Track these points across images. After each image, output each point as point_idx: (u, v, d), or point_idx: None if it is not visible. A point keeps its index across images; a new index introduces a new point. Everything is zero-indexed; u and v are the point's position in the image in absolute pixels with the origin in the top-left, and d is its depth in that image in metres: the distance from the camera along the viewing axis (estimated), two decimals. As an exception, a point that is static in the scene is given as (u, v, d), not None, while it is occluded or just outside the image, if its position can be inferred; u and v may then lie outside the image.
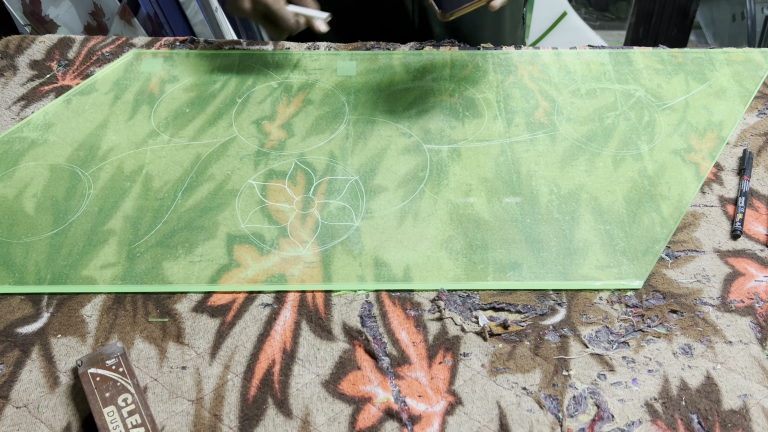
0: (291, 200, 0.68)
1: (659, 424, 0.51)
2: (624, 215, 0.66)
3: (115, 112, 0.78)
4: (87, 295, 0.60)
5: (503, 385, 0.54)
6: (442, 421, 0.52)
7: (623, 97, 0.80)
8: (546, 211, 0.67)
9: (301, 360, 0.55)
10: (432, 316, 0.59)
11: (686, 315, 0.58)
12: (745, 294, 0.60)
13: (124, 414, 0.50)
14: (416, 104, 0.79)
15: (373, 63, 0.85)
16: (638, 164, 0.71)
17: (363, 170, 0.71)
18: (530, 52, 0.86)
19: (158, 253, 0.63)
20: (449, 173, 0.71)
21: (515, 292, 0.60)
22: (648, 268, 0.62)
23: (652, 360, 0.55)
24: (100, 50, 0.88)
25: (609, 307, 0.59)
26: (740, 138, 0.75)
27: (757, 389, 0.53)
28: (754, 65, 0.84)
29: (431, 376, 0.54)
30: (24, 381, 0.54)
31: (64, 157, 0.73)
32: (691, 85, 0.81)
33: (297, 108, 0.79)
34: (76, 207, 0.68)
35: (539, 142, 0.74)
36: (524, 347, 0.56)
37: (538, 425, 0.51)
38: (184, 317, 0.58)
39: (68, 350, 0.56)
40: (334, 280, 0.61)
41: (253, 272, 0.62)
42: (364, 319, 0.58)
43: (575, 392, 0.53)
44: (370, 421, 0.52)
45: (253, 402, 0.53)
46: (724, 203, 0.68)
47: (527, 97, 0.80)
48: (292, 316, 0.59)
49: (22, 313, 0.59)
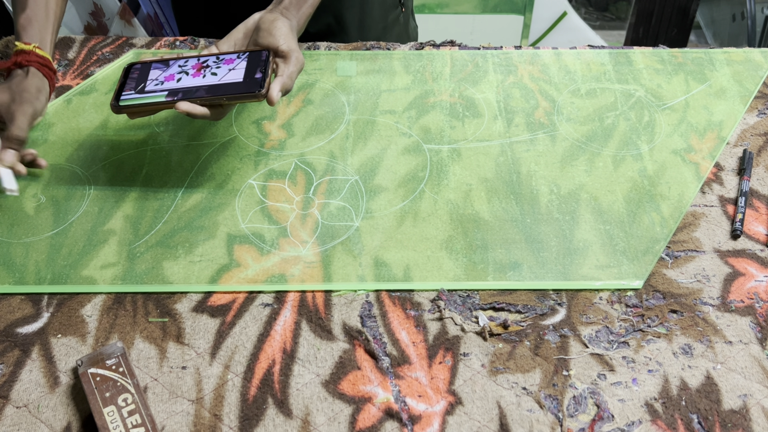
0: (291, 200, 0.68)
1: (659, 424, 0.51)
2: (624, 215, 0.66)
3: (115, 112, 0.78)
4: (87, 295, 0.60)
5: (503, 385, 0.54)
6: (442, 421, 0.52)
7: (623, 97, 0.80)
8: (546, 211, 0.67)
9: (301, 360, 0.55)
10: (432, 316, 0.59)
11: (686, 315, 0.58)
12: (745, 294, 0.60)
13: (124, 414, 0.50)
14: (416, 104, 0.79)
15: (373, 63, 0.85)
16: (638, 164, 0.71)
17: (363, 170, 0.71)
18: (530, 52, 0.86)
19: (158, 253, 0.63)
20: (449, 173, 0.71)
21: (515, 292, 0.60)
22: (648, 268, 0.62)
23: (652, 360, 0.55)
24: (100, 50, 0.88)
25: (609, 307, 0.59)
26: (740, 138, 0.75)
27: (757, 389, 0.53)
28: (754, 65, 0.84)
29: (431, 376, 0.54)
30: (24, 381, 0.54)
31: (64, 157, 0.73)
32: (691, 85, 0.81)
33: (297, 108, 0.79)
34: (76, 207, 0.68)
35: (539, 142, 0.74)
36: (524, 347, 0.56)
37: (538, 425, 0.51)
38: (184, 317, 0.59)
39: (68, 350, 0.56)
40: (334, 280, 0.61)
41: (253, 272, 0.62)
42: (364, 319, 0.58)
43: (575, 392, 0.53)
44: (370, 421, 0.52)
45: (253, 402, 0.53)
46: (724, 203, 0.68)
47: (527, 97, 0.80)
48: (292, 316, 0.59)
49: (22, 313, 0.59)
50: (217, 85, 0.64)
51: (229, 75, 0.64)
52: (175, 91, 0.64)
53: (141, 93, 0.65)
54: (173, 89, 0.64)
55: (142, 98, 0.64)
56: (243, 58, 0.66)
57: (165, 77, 0.66)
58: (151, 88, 0.65)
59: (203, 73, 0.65)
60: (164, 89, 0.64)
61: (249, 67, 0.65)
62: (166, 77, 0.66)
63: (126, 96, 0.65)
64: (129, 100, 0.64)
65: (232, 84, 0.64)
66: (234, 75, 0.64)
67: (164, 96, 0.64)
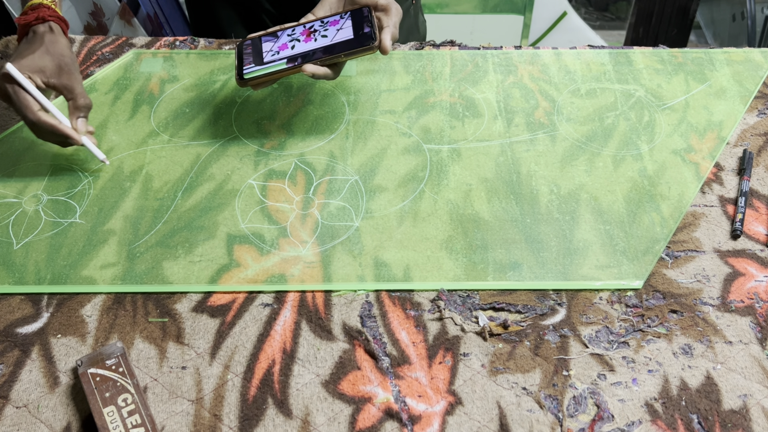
0: (291, 200, 0.68)
1: (659, 424, 0.51)
2: (624, 215, 0.66)
3: (115, 112, 0.78)
4: (87, 295, 0.60)
5: (503, 385, 0.54)
6: (442, 421, 0.52)
7: (623, 97, 0.80)
8: (546, 211, 0.67)
9: (301, 360, 0.55)
10: (432, 316, 0.59)
11: (686, 315, 0.58)
12: (745, 294, 0.60)
13: (124, 414, 0.50)
14: (416, 104, 0.79)
15: (373, 63, 0.85)
16: (638, 164, 0.71)
17: (363, 170, 0.71)
18: (530, 52, 0.86)
19: (158, 253, 0.63)
20: (449, 173, 0.71)
21: (515, 292, 0.60)
22: (648, 268, 0.62)
23: (652, 360, 0.55)
24: (100, 50, 0.88)
25: (609, 307, 0.59)
26: (740, 138, 0.75)
27: (757, 389, 0.53)
28: (754, 65, 0.84)
29: (431, 376, 0.54)
30: (24, 381, 0.54)
31: (64, 157, 0.73)
32: (691, 85, 0.81)
33: (297, 108, 0.79)
34: (76, 207, 0.68)
35: (539, 142, 0.74)
36: (524, 347, 0.56)
37: (538, 425, 0.51)
38: (184, 317, 0.58)
39: (68, 350, 0.56)
40: (334, 280, 0.61)
41: (253, 272, 0.62)
42: (364, 319, 0.58)
43: (575, 392, 0.53)
44: (370, 421, 0.52)
45: (253, 402, 0.53)
46: (724, 203, 0.68)
47: (527, 97, 0.80)
48: (292, 316, 0.59)
49: (22, 313, 0.59)
50: (332, 45, 0.68)
51: (339, 35, 0.69)
52: (294, 57, 0.68)
53: (261, 64, 0.69)
54: (291, 56, 0.69)
55: (264, 68, 0.69)
56: (346, 17, 0.70)
57: (279, 47, 0.70)
58: (270, 59, 0.69)
59: (314, 37, 0.69)
60: (282, 57, 0.69)
61: (355, 24, 0.69)
62: (280, 47, 0.70)
63: (248, 69, 0.69)
64: (252, 73, 0.69)
65: (345, 42, 0.68)
66: (344, 34, 0.69)
67: (284, 63, 0.68)
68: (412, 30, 1.04)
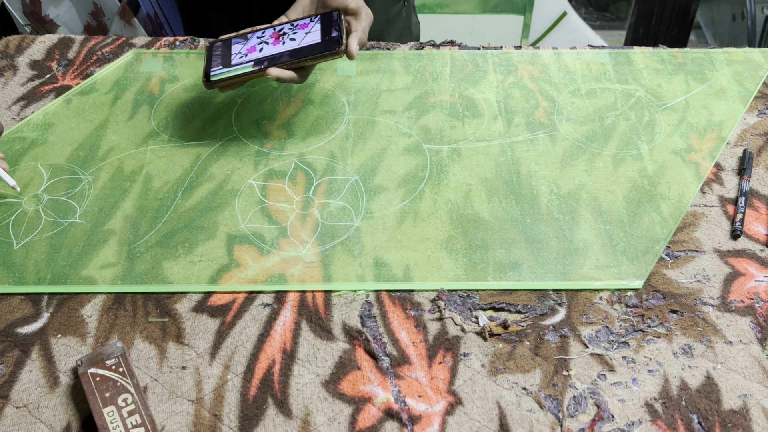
0: (291, 200, 0.68)
1: (659, 424, 0.51)
2: (624, 215, 0.66)
3: (115, 112, 0.78)
4: (87, 295, 0.60)
5: (503, 385, 0.54)
6: (442, 421, 0.52)
7: (623, 97, 0.80)
8: (546, 211, 0.67)
9: (301, 360, 0.55)
10: (432, 316, 0.59)
11: (686, 315, 0.58)
12: (745, 294, 0.60)
13: (124, 414, 0.50)
14: (416, 104, 0.79)
15: (373, 63, 0.85)
16: (638, 164, 0.71)
17: (363, 170, 0.71)
18: (530, 52, 0.86)
19: (158, 253, 0.63)
20: (449, 173, 0.71)
21: (515, 292, 0.60)
22: (648, 268, 0.62)
23: (652, 360, 0.55)
24: (100, 50, 0.88)
25: (609, 307, 0.59)
26: (740, 138, 0.75)
27: (757, 389, 0.53)
28: (754, 65, 0.84)
29: (431, 376, 0.54)
30: (24, 381, 0.54)
31: (64, 157, 0.73)
32: (691, 85, 0.81)
33: (297, 108, 0.79)
34: (76, 207, 0.68)
35: (539, 142, 0.74)
36: (524, 347, 0.56)
37: (538, 425, 0.51)
38: (184, 317, 0.58)
39: (68, 350, 0.56)
40: (334, 280, 0.61)
41: (253, 272, 0.62)
42: (364, 319, 0.58)
43: (575, 392, 0.53)
44: (370, 421, 0.52)
45: (253, 402, 0.53)
46: (724, 203, 0.68)
47: (527, 97, 0.80)
48: (292, 316, 0.59)
49: (22, 313, 0.59)
50: (299, 48, 0.68)
51: (307, 38, 0.69)
52: (261, 60, 0.68)
53: (228, 67, 0.69)
54: (258, 59, 0.69)
55: (230, 71, 0.69)
56: (316, 21, 0.70)
57: (247, 49, 0.70)
58: (237, 61, 0.69)
59: (282, 40, 0.69)
60: (249, 60, 0.69)
61: (324, 28, 0.69)
62: (248, 49, 0.70)
63: (215, 71, 0.69)
64: (219, 75, 0.69)
65: (313, 45, 0.68)
66: (312, 37, 0.69)
67: (251, 66, 0.68)
68: (404, 31, 1.04)
